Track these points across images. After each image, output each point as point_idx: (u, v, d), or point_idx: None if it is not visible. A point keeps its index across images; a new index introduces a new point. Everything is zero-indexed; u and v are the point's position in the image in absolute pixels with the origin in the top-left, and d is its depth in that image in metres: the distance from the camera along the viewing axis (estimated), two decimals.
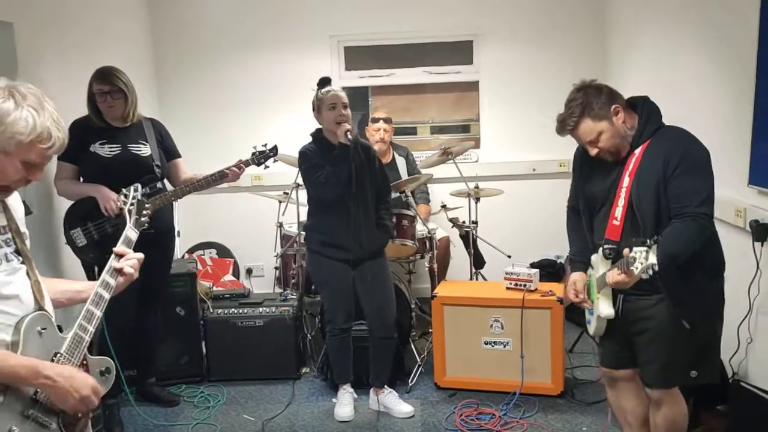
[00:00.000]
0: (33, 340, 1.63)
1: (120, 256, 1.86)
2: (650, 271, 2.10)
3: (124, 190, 2.07)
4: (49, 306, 1.76)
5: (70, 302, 1.84)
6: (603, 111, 2.38)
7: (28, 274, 1.72)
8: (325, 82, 3.34)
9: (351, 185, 3.19)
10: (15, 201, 1.81)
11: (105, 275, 1.82)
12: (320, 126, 3.39)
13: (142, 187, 2.16)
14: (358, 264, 3.40)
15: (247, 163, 3.37)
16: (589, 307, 2.65)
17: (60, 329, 1.73)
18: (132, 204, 2.01)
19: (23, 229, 1.79)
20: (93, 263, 3.22)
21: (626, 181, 2.40)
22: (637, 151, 2.40)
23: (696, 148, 2.37)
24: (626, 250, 2.19)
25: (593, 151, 2.44)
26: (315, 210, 3.48)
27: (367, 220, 3.36)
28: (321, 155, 3.31)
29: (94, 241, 3.20)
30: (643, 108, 2.46)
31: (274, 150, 3.42)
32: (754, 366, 3.08)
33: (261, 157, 3.39)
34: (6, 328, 1.61)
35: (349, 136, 3.19)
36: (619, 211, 2.42)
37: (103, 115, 3.27)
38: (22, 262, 1.72)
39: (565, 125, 2.43)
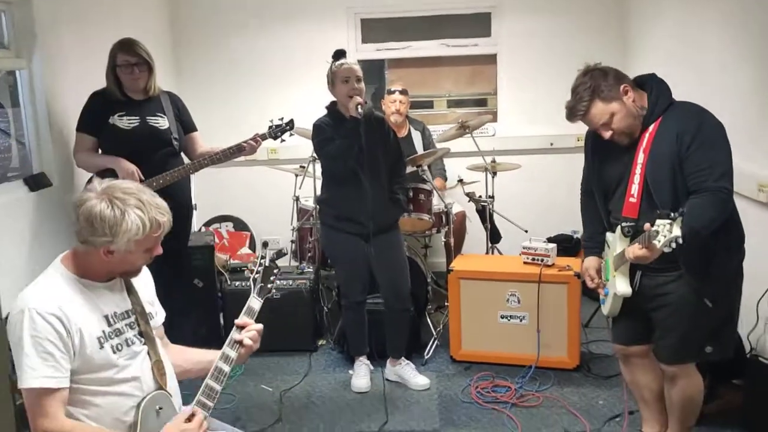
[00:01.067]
0: (150, 420, 1.70)
1: (241, 327, 1.87)
2: (673, 245, 2.07)
3: (253, 258, 2.00)
4: (172, 383, 1.82)
5: (203, 372, 1.84)
6: (613, 92, 2.35)
7: (149, 353, 1.78)
8: (339, 54, 3.32)
9: (362, 159, 3.18)
10: (142, 279, 1.88)
11: (226, 348, 1.83)
12: (335, 99, 3.38)
13: (264, 250, 2.07)
14: (371, 237, 3.40)
15: (263, 137, 3.36)
16: (602, 294, 2.64)
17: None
18: (258, 272, 1.97)
19: (149, 309, 1.85)
20: None
21: (641, 157, 2.37)
22: (651, 128, 2.37)
23: (709, 122, 2.33)
24: (647, 225, 2.17)
25: (607, 134, 2.40)
26: (328, 183, 3.47)
27: (380, 194, 3.35)
28: (334, 128, 3.29)
29: None
30: (652, 85, 2.42)
31: (291, 124, 3.42)
32: None
33: (277, 131, 3.38)
34: (129, 410, 1.69)
35: (360, 110, 3.16)
36: (635, 189, 2.40)
37: (123, 87, 3.27)
38: (144, 343, 1.78)
39: (576, 111, 2.40)
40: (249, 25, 5.14)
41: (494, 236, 4.42)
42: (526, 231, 4.37)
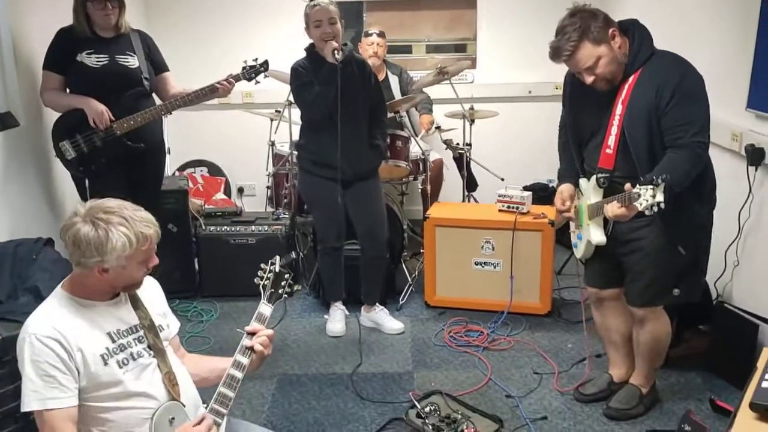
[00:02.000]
0: (164, 430, 1.73)
1: (252, 333, 1.86)
2: (655, 209, 2.08)
3: (263, 265, 1.97)
4: (187, 393, 1.83)
5: (219, 380, 1.84)
6: (601, 34, 2.30)
7: (159, 366, 1.79)
8: None
9: (338, 106, 3.12)
10: (151, 292, 1.91)
11: (237, 355, 1.84)
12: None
13: (281, 260, 2.01)
14: (349, 184, 3.38)
15: (237, 78, 3.28)
16: (575, 238, 2.66)
17: None
18: (268, 279, 1.95)
19: (159, 321, 1.86)
20: (83, 176, 3.19)
21: (619, 108, 2.36)
22: (630, 79, 2.35)
23: (689, 77, 2.31)
24: (628, 185, 2.17)
25: (589, 79, 2.36)
26: (307, 129, 3.42)
27: (358, 140, 3.31)
28: (313, 72, 3.22)
29: (83, 153, 3.15)
30: (635, 33, 2.37)
31: (265, 65, 3.33)
32: (739, 289, 3.14)
33: (251, 72, 3.30)
34: (142, 423, 1.72)
35: (337, 56, 3.09)
36: (612, 140, 2.40)
37: (92, 24, 3.15)
38: (153, 356, 1.79)
39: (562, 51, 2.33)
40: None
41: (471, 184, 4.43)
42: (503, 179, 4.38)
